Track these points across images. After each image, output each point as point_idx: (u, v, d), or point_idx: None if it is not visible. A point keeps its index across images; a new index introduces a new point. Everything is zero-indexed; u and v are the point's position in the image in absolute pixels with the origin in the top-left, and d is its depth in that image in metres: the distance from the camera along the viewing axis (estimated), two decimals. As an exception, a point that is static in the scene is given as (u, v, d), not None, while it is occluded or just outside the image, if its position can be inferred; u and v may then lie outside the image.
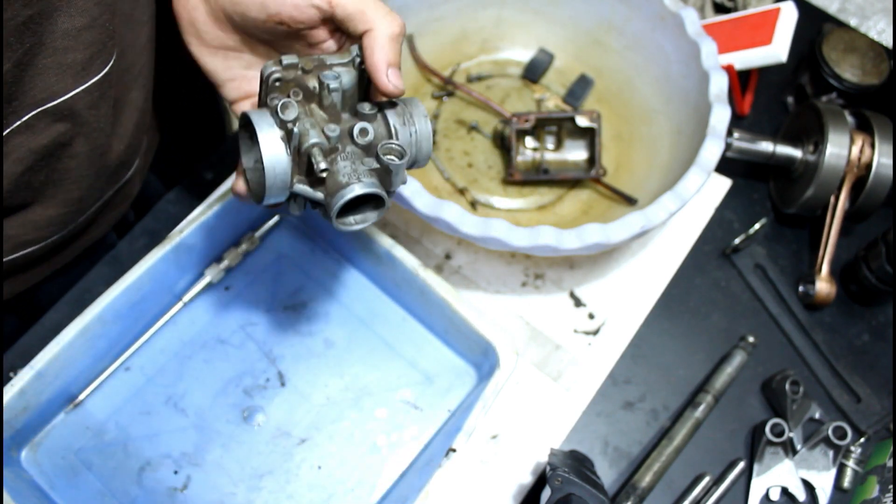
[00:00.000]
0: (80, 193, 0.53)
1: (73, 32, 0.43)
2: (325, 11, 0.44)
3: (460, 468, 0.62)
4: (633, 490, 0.60)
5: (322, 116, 0.43)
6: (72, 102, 0.46)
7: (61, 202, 0.53)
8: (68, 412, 0.59)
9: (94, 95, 0.47)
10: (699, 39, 0.65)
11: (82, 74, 0.46)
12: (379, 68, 0.42)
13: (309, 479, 0.59)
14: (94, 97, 0.47)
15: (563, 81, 0.78)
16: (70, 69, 0.45)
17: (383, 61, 0.42)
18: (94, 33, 0.45)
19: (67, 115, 0.47)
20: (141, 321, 0.62)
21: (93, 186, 0.55)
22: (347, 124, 0.43)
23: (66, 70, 0.44)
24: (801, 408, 0.64)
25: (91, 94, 0.47)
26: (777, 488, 0.63)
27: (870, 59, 0.76)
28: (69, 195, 0.53)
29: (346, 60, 0.44)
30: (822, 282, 0.69)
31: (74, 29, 0.43)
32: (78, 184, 0.52)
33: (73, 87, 0.46)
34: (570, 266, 0.70)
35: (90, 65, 0.46)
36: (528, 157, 0.73)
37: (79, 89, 0.46)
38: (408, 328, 0.65)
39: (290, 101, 0.42)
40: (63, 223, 0.55)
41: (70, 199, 0.53)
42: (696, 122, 0.64)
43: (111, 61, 0.48)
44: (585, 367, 0.66)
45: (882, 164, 0.68)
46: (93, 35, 0.45)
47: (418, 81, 0.76)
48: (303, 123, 0.42)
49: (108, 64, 0.47)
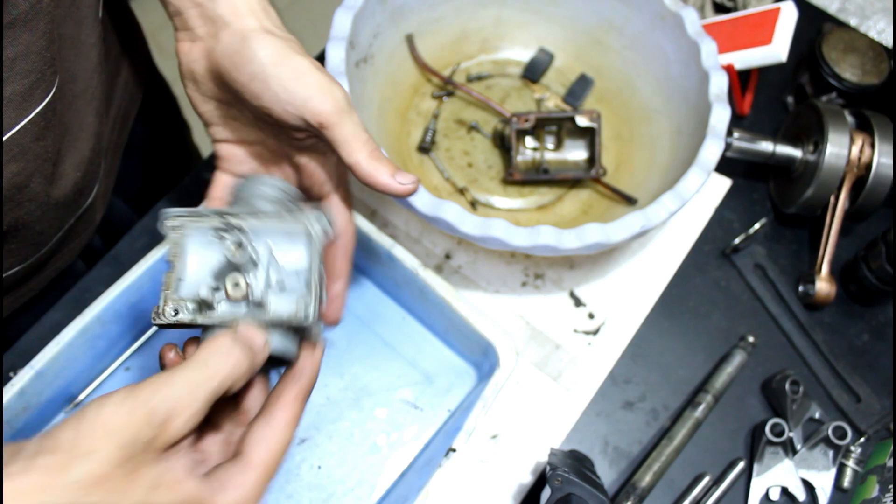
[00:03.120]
0: (39, 227, 0.52)
1: (6, 63, 0.42)
2: (314, 130, 0.44)
3: (460, 468, 0.62)
4: (633, 490, 0.60)
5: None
6: (18, 137, 0.45)
7: (22, 236, 0.52)
8: (68, 412, 0.59)
9: (40, 126, 0.46)
10: (699, 39, 0.65)
11: (24, 106, 0.45)
12: (389, 185, 0.44)
13: (309, 479, 0.59)
14: (39, 128, 0.46)
15: (563, 81, 0.78)
16: (11, 102, 0.44)
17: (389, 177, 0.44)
18: (30, 61, 0.43)
19: (18, 153, 0.46)
20: (141, 321, 0.62)
21: (52, 217, 0.54)
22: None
23: (8, 104, 0.43)
24: (801, 408, 0.64)
25: (36, 124, 0.46)
26: (777, 488, 0.63)
27: (870, 58, 0.76)
28: (28, 230, 0.52)
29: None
30: (822, 282, 0.69)
31: (8, 59, 0.42)
32: (37, 217, 0.51)
33: (16, 122, 0.45)
34: (570, 266, 0.70)
35: (31, 95, 0.45)
36: (528, 157, 0.73)
37: (24, 122, 0.45)
38: (408, 328, 0.65)
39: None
40: (23, 256, 0.54)
41: (30, 232, 0.52)
42: (696, 122, 0.64)
43: (53, 88, 0.46)
44: (585, 367, 0.66)
45: (882, 164, 0.68)
46: (29, 63, 0.44)
47: (418, 81, 0.76)
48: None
49: (49, 91, 0.46)
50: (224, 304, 0.40)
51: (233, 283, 0.40)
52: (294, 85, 0.42)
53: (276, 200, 0.45)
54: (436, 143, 0.74)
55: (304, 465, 0.60)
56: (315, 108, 0.42)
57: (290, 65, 0.43)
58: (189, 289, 0.40)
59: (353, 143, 0.43)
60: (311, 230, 0.42)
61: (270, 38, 0.43)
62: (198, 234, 0.41)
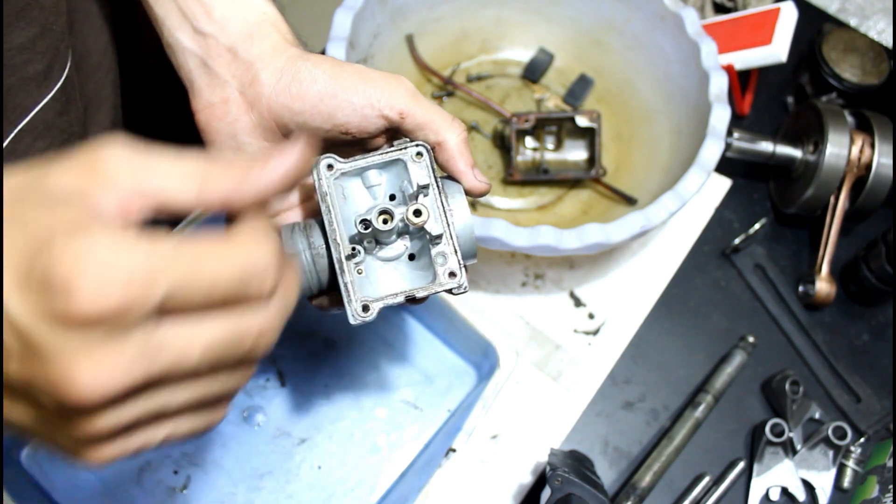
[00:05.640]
0: None
1: (27, 44, 0.43)
2: (394, 122, 0.43)
3: (460, 468, 0.62)
4: (633, 490, 0.60)
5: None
6: (43, 114, 0.46)
7: None
8: (68, 412, 0.59)
9: (62, 101, 0.47)
10: (699, 39, 0.65)
11: (45, 84, 0.46)
12: (465, 173, 0.43)
13: (309, 479, 0.59)
14: (61, 103, 0.47)
15: (563, 81, 0.78)
16: (33, 81, 0.44)
17: (467, 166, 0.43)
18: (47, 40, 0.44)
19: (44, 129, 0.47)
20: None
21: None
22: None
23: (30, 82, 0.44)
24: (801, 408, 0.64)
25: (58, 100, 0.47)
26: (777, 488, 0.63)
27: (870, 59, 0.76)
28: None
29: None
30: (822, 282, 0.69)
31: (28, 40, 0.43)
32: None
33: (39, 99, 0.46)
34: (570, 266, 0.70)
35: (50, 72, 0.46)
36: (528, 157, 0.73)
37: (46, 98, 0.46)
38: (408, 328, 0.65)
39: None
40: None
41: None
42: (696, 122, 0.64)
43: (68, 64, 0.47)
44: (585, 367, 0.66)
45: (882, 164, 0.68)
46: (47, 42, 0.44)
47: (418, 81, 0.76)
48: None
49: (66, 67, 0.47)
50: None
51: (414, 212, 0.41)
52: (364, 87, 0.42)
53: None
54: (436, 144, 0.74)
55: (304, 466, 0.60)
56: (391, 100, 0.42)
57: (347, 72, 0.42)
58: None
59: (438, 121, 0.42)
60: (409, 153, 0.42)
61: (316, 57, 0.42)
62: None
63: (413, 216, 0.40)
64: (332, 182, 0.42)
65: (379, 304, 0.41)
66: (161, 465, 0.59)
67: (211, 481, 0.59)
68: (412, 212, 0.40)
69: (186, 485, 0.58)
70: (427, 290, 0.41)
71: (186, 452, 0.59)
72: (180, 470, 0.59)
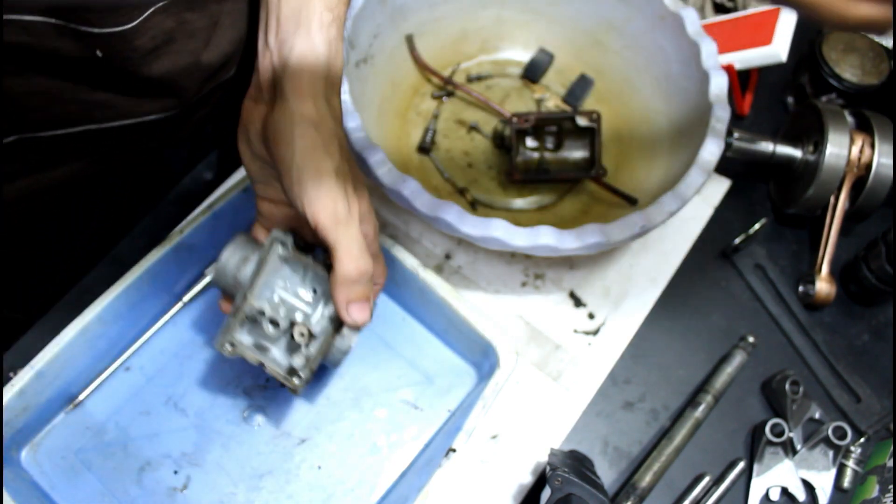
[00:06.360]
0: (184, 83, 0.59)
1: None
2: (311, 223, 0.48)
3: (460, 468, 0.62)
4: (633, 490, 0.60)
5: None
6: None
7: (168, 88, 0.58)
8: (68, 412, 0.59)
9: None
10: (699, 39, 0.65)
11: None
12: (339, 305, 0.49)
13: (309, 479, 0.59)
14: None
15: (563, 81, 0.78)
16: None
17: (342, 301, 0.48)
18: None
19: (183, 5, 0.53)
20: (141, 321, 0.62)
21: (197, 77, 0.59)
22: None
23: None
24: (801, 408, 0.64)
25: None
26: (777, 488, 0.63)
27: (870, 59, 0.76)
28: (174, 84, 0.58)
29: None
30: (822, 282, 0.69)
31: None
32: (185, 74, 0.58)
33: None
34: (570, 266, 0.70)
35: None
36: (528, 157, 0.73)
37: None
38: (408, 328, 0.65)
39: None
40: (165, 106, 0.59)
41: (174, 87, 0.58)
42: (696, 122, 0.64)
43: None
44: (585, 367, 0.66)
45: (882, 164, 0.68)
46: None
47: (418, 81, 0.76)
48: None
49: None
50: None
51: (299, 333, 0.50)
52: (309, 185, 0.46)
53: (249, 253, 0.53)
54: (436, 144, 0.74)
55: (304, 466, 0.60)
56: (316, 213, 0.46)
57: (313, 164, 0.46)
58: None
59: (340, 251, 0.47)
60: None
61: (311, 133, 0.47)
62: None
63: (298, 335, 0.49)
64: (276, 258, 0.51)
65: (239, 353, 0.50)
66: (161, 465, 0.59)
67: (211, 481, 0.59)
68: (298, 333, 0.49)
69: (186, 485, 0.58)
70: (273, 371, 0.51)
71: (186, 452, 0.59)
72: (180, 470, 0.59)
